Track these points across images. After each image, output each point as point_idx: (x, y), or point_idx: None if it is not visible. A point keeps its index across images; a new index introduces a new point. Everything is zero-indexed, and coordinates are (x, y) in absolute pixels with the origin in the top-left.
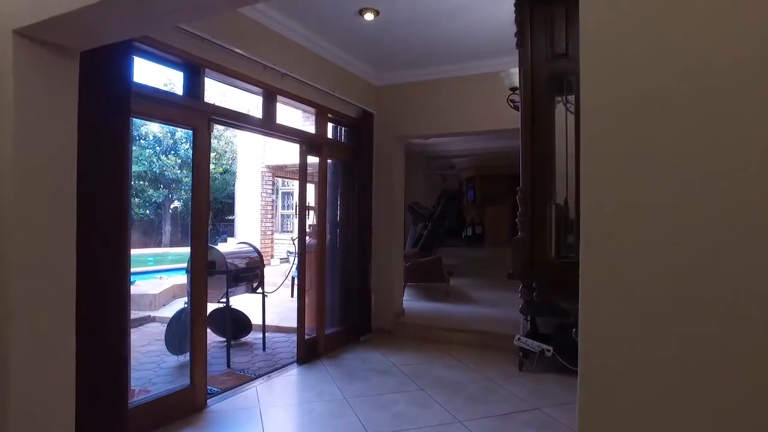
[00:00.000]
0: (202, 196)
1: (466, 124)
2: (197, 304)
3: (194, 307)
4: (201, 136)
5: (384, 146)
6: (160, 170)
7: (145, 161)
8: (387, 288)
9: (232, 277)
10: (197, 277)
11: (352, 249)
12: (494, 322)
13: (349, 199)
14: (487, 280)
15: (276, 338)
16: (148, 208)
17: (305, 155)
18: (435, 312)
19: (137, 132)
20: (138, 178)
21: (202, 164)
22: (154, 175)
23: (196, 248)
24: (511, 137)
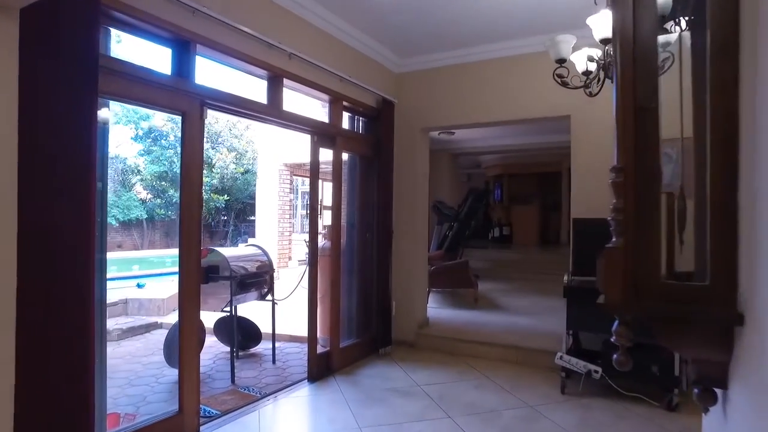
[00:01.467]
0: (193, 191)
1: (500, 113)
2: (187, 316)
3: (183, 320)
4: (191, 123)
5: (406, 139)
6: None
7: (166, 161)
8: (409, 295)
9: (238, 283)
10: (188, 285)
11: (370, 252)
12: (530, 335)
13: (367, 198)
14: (518, 285)
15: (288, 348)
16: (169, 208)
17: (317, 147)
18: (462, 321)
19: (158, 132)
20: (159, 179)
21: (192, 155)
22: (175, 176)
23: (187, 250)
24: (545, 131)
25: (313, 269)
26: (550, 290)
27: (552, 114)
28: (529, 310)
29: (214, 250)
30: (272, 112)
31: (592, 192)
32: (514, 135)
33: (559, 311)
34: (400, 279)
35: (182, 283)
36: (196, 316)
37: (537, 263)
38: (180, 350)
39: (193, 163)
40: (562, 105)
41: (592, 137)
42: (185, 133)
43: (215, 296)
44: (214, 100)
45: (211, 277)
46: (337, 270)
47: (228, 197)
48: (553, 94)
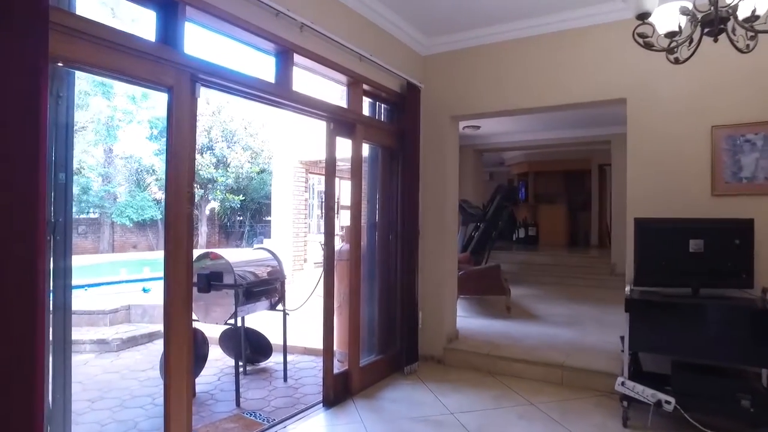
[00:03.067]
0: (181, 184)
1: (542, 98)
2: (175, 332)
3: (170, 339)
4: (180, 101)
5: (434, 129)
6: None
7: None
8: (437, 304)
9: (244, 292)
10: (175, 294)
11: (394, 256)
12: (574, 351)
13: (390, 195)
14: (549, 291)
15: (302, 363)
16: None
17: (334, 137)
18: (495, 334)
19: None
20: None
21: (181, 141)
22: None
23: (174, 254)
24: (575, 125)
25: (329, 276)
26: (586, 297)
27: (604, 97)
28: (569, 321)
29: (213, 252)
30: (281, 93)
31: (654, 188)
32: (542, 129)
33: (602, 322)
34: (427, 286)
35: (168, 292)
36: (185, 333)
37: (567, 267)
38: (166, 374)
39: (182, 151)
40: (616, 86)
41: (655, 123)
42: (172, 114)
43: (219, 306)
44: (208, 75)
45: (214, 285)
46: (356, 277)
47: (243, 197)
48: (606, 74)
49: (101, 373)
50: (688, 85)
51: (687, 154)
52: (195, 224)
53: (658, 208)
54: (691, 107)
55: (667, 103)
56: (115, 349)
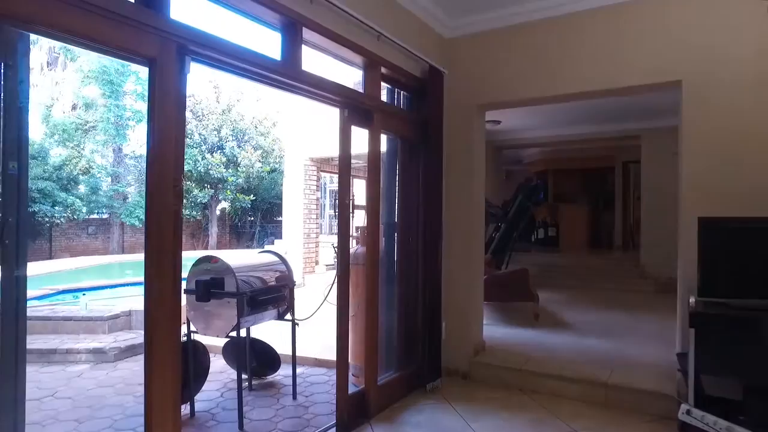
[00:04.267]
0: (166, 174)
1: (584, 82)
2: (156, 352)
3: (150, 360)
4: (164, 76)
5: (458, 118)
6: (205, 169)
7: (190, 160)
8: (462, 313)
9: (248, 300)
10: (157, 307)
11: (414, 260)
12: (616, 366)
13: (410, 192)
14: (575, 296)
15: (313, 376)
16: (194, 208)
17: (348, 126)
18: (524, 345)
19: None
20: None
21: (166, 124)
22: (199, 175)
23: (156, 256)
24: (599, 119)
25: (343, 282)
26: (615, 302)
27: (657, 80)
28: (602, 330)
29: (213, 256)
30: (288, 73)
31: (719, 183)
32: (565, 125)
33: (639, 332)
34: (451, 292)
35: (149, 303)
36: (171, 353)
37: (591, 270)
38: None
39: (167, 137)
40: (670, 68)
41: (718, 108)
42: (154, 92)
43: (220, 317)
44: (200, 47)
45: (214, 293)
46: (373, 283)
47: (254, 197)
48: (660, 53)
49: (94, 387)
50: (760, 64)
51: (763, 143)
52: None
53: (728, 206)
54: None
55: (732, 84)
56: (112, 359)
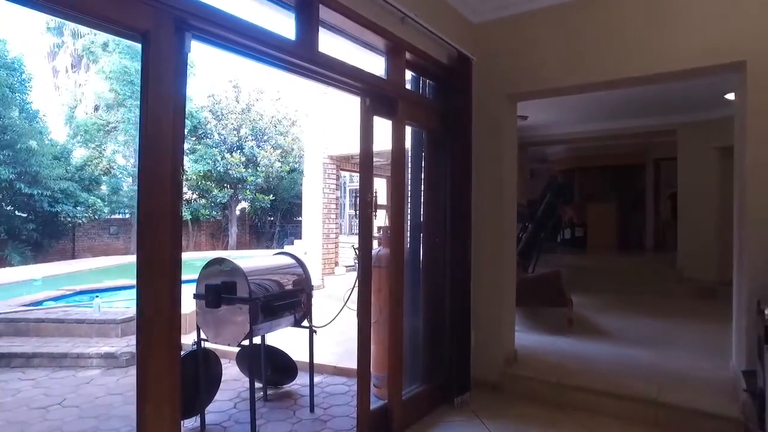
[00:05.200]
0: (161, 170)
1: (631, 66)
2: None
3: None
4: (159, 55)
5: (487, 110)
6: (224, 169)
7: (210, 160)
8: (493, 320)
9: (262, 307)
10: (152, 317)
11: (441, 263)
12: (669, 382)
13: (437, 190)
14: (607, 299)
15: (332, 386)
16: (214, 209)
17: (370, 115)
18: (560, 354)
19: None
20: (203, 178)
21: (162, 109)
22: (219, 175)
23: (153, 264)
24: (630, 113)
25: (365, 286)
26: (652, 308)
27: (715, 62)
28: (643, 338)
29: (225, 260)
30: (302, 54)
31: None
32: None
33: (683, 341)
34: (480, 298)
35: (142, 310)
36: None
37: (622, 272)
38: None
39: (163, 123)
40: (732, 47)
41: None
42: (148, 71)
43: (232, 324)
44: (202, 22)
45: (225, 299)
46: (398, 288)
47: (274, 197)
48: (719, 31)
49: (104, 395)
50: None
51: None
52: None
53: None
54: None
55: None
56: (124, 364)
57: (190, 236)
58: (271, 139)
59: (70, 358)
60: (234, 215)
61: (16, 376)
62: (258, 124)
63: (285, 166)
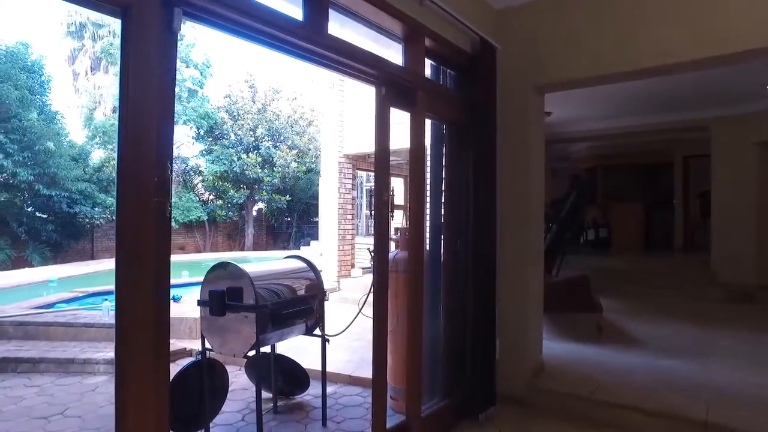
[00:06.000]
0: (143, 164)
1: (682, 49)
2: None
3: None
4: (143, 33)
5: (512, 102)
6: (240, 170)
7: (226, 161)
8: (519, 328)
9: (270, 314)
10: (132, 329)
11: (464, 265)
12: (716, 398)
13: (458, 188)
14: (636, 304)
15: (347, 397)
16: (230, 209)
17: (386, 106)
18: (590, 365)
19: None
20: (220, 179)
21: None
22: (235, 175)
23: (133, 272)
24: (657, 108)
25: (381, 293)
26: (685, 313)
27: None
28: (680, 348)
29: (230, 263)
30: (310, 36)
31: None
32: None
33: (724, 350)
34: (505, 304)
35: (121, 322)
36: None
37: (650, 274)
38: None
39: (147, 110)
40: None
41: None
42: (129, 51)
43: (238, 333)
44: None
45: (230, 306)
46: (417, 295)
47: (290, 198)
48: None
49: (107, 404)
50: None
51: None
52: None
53: None
54: None
55: None
56: None
57: (207, 237)
58: (287, 139)
59: (77, 364)
60: (251, 216)
61: (21, 382)
62: (274, 124)
63: (301, 167)
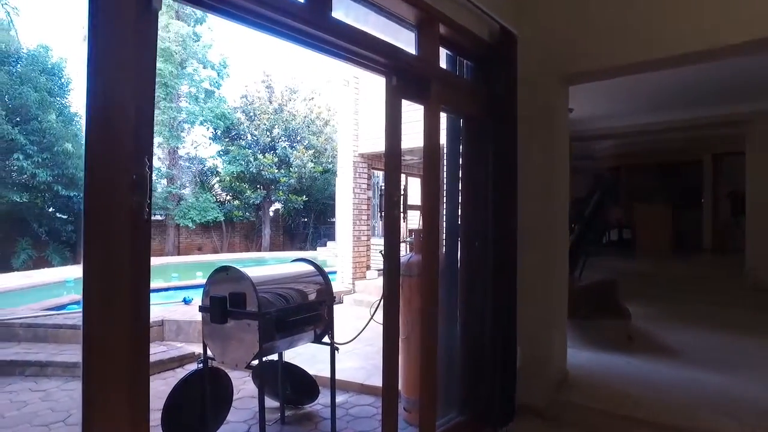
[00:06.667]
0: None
1: (729, 30)
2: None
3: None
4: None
5: (535, 94)
6: (257, 170)
7: (242, 161)
8: (541, 335)
9: (275, 322)
10: (100, 343)
11: (481, 270)
12: (764, 418)
13: (476, 187)
14: (666, 309)
15: (358, 407)
16: (247, 210)
17: (397, 98)
18: (619, 376)
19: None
20: (237, 179)
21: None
22: (252, 176)
23: (101, 271)
24: (689, 101)
25: (392, 299)
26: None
27: None
28: (721, 360)
29: (232, 267)
30: (312, 20)
31: None
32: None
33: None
34: (526, 309)
35: (89, 338)
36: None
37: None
38: None
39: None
40: None
41: None
42: (97, 26)
43: (240, 342)
44: None
45: (232, 313)
46: (431, 301)
47: (306, 198)
48: None
49: None
50: None
51: None
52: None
53: None
54: None
55: None
56: None
57: (224, 237)
58: (303, 139)
59: None
60: (267, 216)
61: (27, 386)
62: (291, 124)
63: (318, 167)
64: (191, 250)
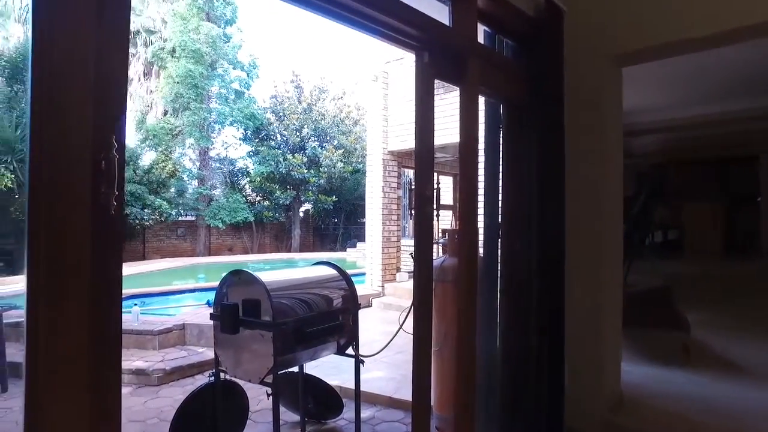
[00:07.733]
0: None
1: None
2: None
3: None
4: None
5: (584, 76)
6: (286, 170)
7: (272, 161)
8: (592, 350)
9: (293, 332)
10: (48, 363)
11: (526, 276)
12: None
13: (518, 181)
14: (723, 317)
15: (387, 423)
16: (277, 210)
17: (430, 77)
18: (680, 398)
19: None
20: (266, 180)
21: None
22: (282, 176)
23: (49, 276)
24: (750, 90)
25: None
26: None
27: None
28: None
29: (243, 271)
30: None
31: None
32: (697, 101)
33: None
34: (575, 321)
35: (33, 356)
36: None
37: (733, 282)
38: None
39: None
40: None
41: None
42: None
43: (252, 355)
44: None
45: (245, 322)
46: (469, 308)
47: (336, 198)
48: None
49: (125, 422)
50: None
51: None
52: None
53: None
54: None
55: None
56: (155, 381)
57: (254, 238)
58: (333, 138)
59: None
60: (297, 217)
61: None
62: (320, 124)
63: (348, 167)
64: (222, 250)
